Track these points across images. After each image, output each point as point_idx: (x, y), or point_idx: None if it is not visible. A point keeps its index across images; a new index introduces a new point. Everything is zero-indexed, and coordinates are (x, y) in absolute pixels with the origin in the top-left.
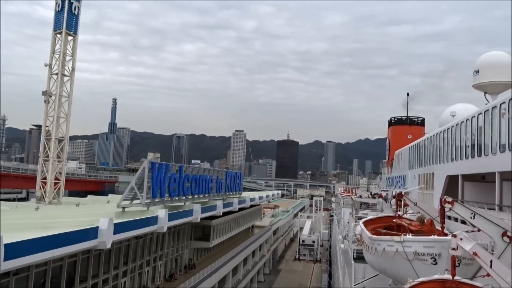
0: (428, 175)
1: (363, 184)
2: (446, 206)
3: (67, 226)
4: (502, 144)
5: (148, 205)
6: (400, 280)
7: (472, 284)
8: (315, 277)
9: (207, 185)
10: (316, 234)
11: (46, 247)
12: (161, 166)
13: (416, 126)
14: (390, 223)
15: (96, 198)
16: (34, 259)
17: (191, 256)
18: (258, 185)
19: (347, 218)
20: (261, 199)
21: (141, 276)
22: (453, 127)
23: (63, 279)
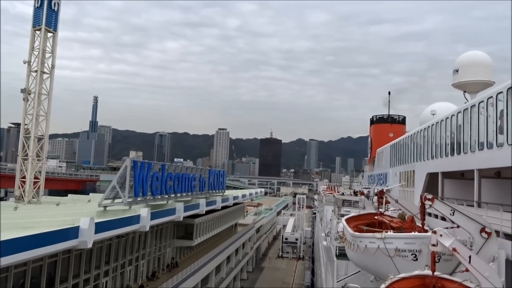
0: (409, 173)
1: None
2: (426, 203)
3: (47, 226)
4: (480, 142)
5: (130, 204)
6: (382, 276)
7: (452, 279)
8: (298, 275)
9: (190, 184)
10: (299, 231)
11: (26, 247)
12: (143, 165)
13: (398, 124)
14: (372, 220)
15: (77, 197)
16: (13, 259)
17: (174, 255)
18: (241, 183)
19: (330, 215)
20: (244, 197)
21: (123, 275)
22: (433, 125)
23: (43, 280)
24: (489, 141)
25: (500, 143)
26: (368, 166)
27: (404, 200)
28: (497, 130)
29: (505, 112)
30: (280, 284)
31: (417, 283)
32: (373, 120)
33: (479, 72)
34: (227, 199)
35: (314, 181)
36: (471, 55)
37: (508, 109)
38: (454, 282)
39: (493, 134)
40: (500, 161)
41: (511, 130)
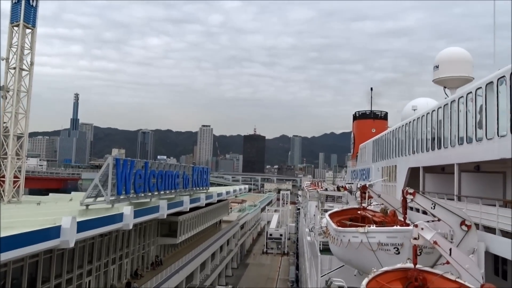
0: (391, 168)
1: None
2: (408, 197)
3: (27, 226)
4: (460, 137)
5: (113, 202)
6: (365, 270)
7: (433, 271)
8: (282, 270)
9: (173, 181)
10: (283, 227)
11: (6, 247)
12: (126, 162)
13: (380, 120)
14: (355, 215)
15: (58, 196)
16: None
17: (158, 253)
18: (225, 180)
19: (314, 211)
20: (228, 194)
21: (107, 274)
22: (414, 121)
23: (24, 281)
24: (468, 136)
25: (479, 138)
26: (351, 161)
27: (387, 195)
28: (476, 125)
29: (484, 107)
30: (265, 280)
31: (399, 276)
32: (355, 116)
33: (459, 68)
34: (211, 196)
35: (298, 177)
36: (451, 52)
37: (488, 104)
38: (435, 274)
39: (473, 129)
40: (480, 155)
41: (498, 123)
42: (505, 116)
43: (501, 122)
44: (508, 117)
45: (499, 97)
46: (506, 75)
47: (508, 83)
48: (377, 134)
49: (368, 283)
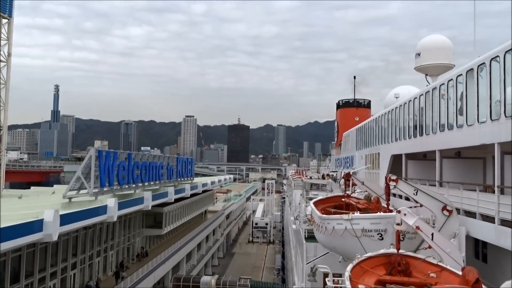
0: (374, 155)
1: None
2: (391, 184)
3: (9, 220)
4: (441, 124)
5: (96, 194)
6: (349, 256)
7: (415, 256)
8: (269, 258)
9: (157, 172)
10: (269, 216)
11: None
12: (109, 154)
13: (363, 108)
14: (339, 203)
15: (40, 189)
16: None
17: (144, 244)
18: (210, 170)
19: (298, 199)
20: (213, 184)
21: (92, 267)
22: (397, 109)
23: (7, 275)
24: (449, 123)
25: (460, 125)
26: (335, 150)
27: (370, 182)
28: (457, 111)
29: (464, 94)
30: (251, 268)
31: (383, 261)
32: (339, 104)
33: (440, 56)
34: (196, 186)
35: (283, 166)
36: (432, 39)
37: (468, 91)
38: (418, 258)
39: (454, 116)
40: (460, 142)
41: (478, 109)
42: (485, 103)
43: (481, 109)
44: (488, 103)
45: (479, 84)
46: (486, 62)
47: (488, 70)
48: (360, 122)
49: (353, 269)
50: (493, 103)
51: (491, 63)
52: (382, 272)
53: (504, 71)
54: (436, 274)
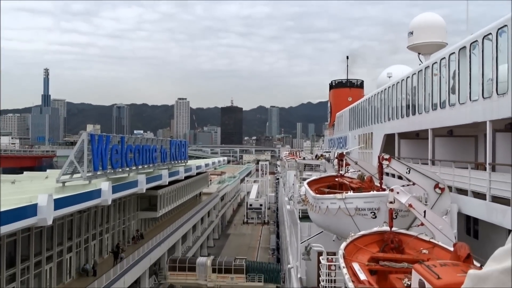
0: (367, 135)
1: (306, 147)
2: (384, 163)
3: (3, 205)
4: (434, 103)
5: (90, 178)
6: (343, 235)
7: (408, 233)
8: (263, 239)
9: (151, 155)
10: (263, 197)
11: None
12: (101, 138)
13: (356, 88)
14: (332, 182)
15: (33, 174)
16: None
17: (139, 227)
18: (203, 152)
19: (292, 180)
20: (207, 166)
21: (88, 250)
22: (389, 88)
23: (3, 260)
24: (442, 101)
25: (452, 103)
26: (328, 130)
27: (363, 162)
28: (450, 90)
29: (457, 72)
30: (247, 249)
31: (376, 239)
32: (332, 85)
33: (432, 34)
34: (190, 169)
35: (276, 148)
36: (425, 17)
37: (461, 69)
38: (410, 236)
39: (446, 94)
40: (453, 120)
41: (470, 87)
42: (477, 81)
43: (473, 87)
44: (480, 81)
45: (472, 62)
46: (479, 40)
47: (481, 48)
48: (353, 103)
49: (346, 247)
50: (485, 81)
51: (484, 41)
52: (375, 250)
53: (496, 49)
54: (428, 251)
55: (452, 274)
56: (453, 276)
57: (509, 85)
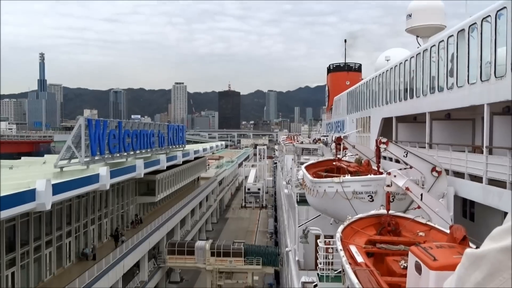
0: (365, 119)
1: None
2: (381, 147)
3: (1, 190)
4: (432, 86)
5: (88, 163)
6: (340, 218)
7: (405, 216)
8: (261, 222)
9: (148, 140)
10: (261, 181)
11: None
12: (99, 123)
13: (354, 72)
14: (330, 166)
15: (31, 159)
16: None
17: (137, 211)
18: (201, 137)
19: (290, 164)
20: (205, 151)
21: (87, 235)
22: (387, 71)
23: (3, 244)
24: (440, 85)
25: (450, 86)
26: (326, 114)
27: (361, 145)
28: (448, 73)
29: (455, 55)
30: (245, 232)
31: (373, 222)
32: (330, 68)
33: (431, 16)
34: (188, 153)
35: (274, 132)
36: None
37: (459, 52)
38: (407, 218)
39: (444, 77)
40: (450, 103)
41: (468, 70)
42: (475, 64)
43: (471, 70)
44: (479, 64)
45: (470, 45)
46: (478, 22)
47: (479, 30)
48: (351, 86)
49: (344, 230)
50: (484, 64)
51: (483, 23)
52: (372, 233)
53: (495, 32)
54: (425, 233)
55: (448, 255)
56: (449, 257)
57: (507, 67)
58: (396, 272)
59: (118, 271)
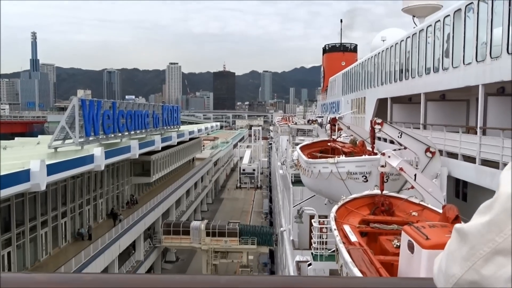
0: (360, 100)
1: (299, 112)
2: (376, 127)
3: None
4: (427, 67)
5: (82, 144)
6: (335, 198)
7: (398, 196)
8: (256, 203)
9: (143, 121)
10: (256, 162)
11: None
12: (92, 103)
13: (350, 52)
14: (325, 147)
15: (24, 140)
16: None
17: (133, 192)
18: (196, 118)
19: (285, 145)
20: (200, 131)
21: (82, 215)
22: (383, 52)
23: None
24: (435, 65)
25: (446, 67)
26: (321, 95)
27: (356, 126)
28: (444, 53)
29: (451, 35)
30: (240, 213)
31: (367, 202)
32: (325, 49)
33: None
34: (183, 134)
35: (269, 113)
36: None
37: (455, 32)
38: (400, 199)
39: (440, 58)
40: (446, 84)
41: (464, 51)
42: (471, 44)
43: (467, 50)
44: (475, 44)
45: (467, 25)
46: (474, 2)
47: (476, 10)
48: (346, 67)
49: (338, 210)
50: (480, 44)
51: (479, 3)
52: (366, 212)
53: (492, 12)
54: (418, 213)
55: (440, 235)
56: (441, 236)
57: (503, 48)
58: (389, 251)
59: (114, 251)
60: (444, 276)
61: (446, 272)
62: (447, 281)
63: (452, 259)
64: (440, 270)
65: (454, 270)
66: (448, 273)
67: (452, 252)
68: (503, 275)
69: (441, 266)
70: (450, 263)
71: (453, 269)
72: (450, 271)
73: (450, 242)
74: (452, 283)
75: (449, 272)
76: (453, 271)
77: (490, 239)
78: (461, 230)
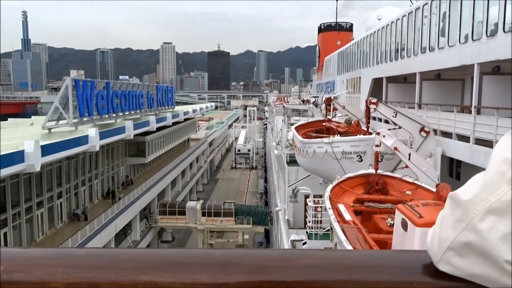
0: (355, 79)
1: (294, 92)
2: (371, 107)
3: None
4: (423, 46)
5: (76, 124)
6: (330, 178)
7: (393, 175)
8: (252, 183)
9: (137, 101)
10: (251, 143)
11: None
12: (86, 83)
13: (345, 32)
14: (320, 127)
15: (18, 121)
16: None
17: (128, 173)
18: (191, 98)
19: (280, 125)
20: (195, 112)
21: (78, 196)
22: (379, 31)
23: None
24: (431, 45)
25: (441, 46)
26: (316, 75)
27: (351, 106)
28: (439, 33)
29: (447, 14)
30: (235, 193)
31: (361, 181)
32: (321, 28)
33: None
34: (178, 115)
35: (264, 93)
36: None
37: (451, 11)
38: (394, 178)
39: (435, 37)
40: (441, 63)
41: (460, 29)
42: (467, 23)
43: (463, 29)
44: (471, 23)
45: (463, 4)
46: None
47: None
48: (342, 46)
49: (332, 189)
50: (476, 23)
51: None
52: (360, 192)
53: None
54: (412, 192)
55: (434, 213)
56: (434, 215)
57: (499, 27)
58: (383, 229)
59: (110, 231)
60: (438, 241)
61: (440, 236)
62: (440, 245)
63: (445, 224)
64: (434, 237)
65: (447, 233)
66: (441, 237)
67: (445, 217)
68: (496, 234)
69: (434, 233)
70: (444, 227)
71: (447, 232)
72: (444, 235)
73: (444, 210)
74: (445, 247)
75: (442, 236)
76: (447, 234)
77: (483, 198)
78: (455, 195)
